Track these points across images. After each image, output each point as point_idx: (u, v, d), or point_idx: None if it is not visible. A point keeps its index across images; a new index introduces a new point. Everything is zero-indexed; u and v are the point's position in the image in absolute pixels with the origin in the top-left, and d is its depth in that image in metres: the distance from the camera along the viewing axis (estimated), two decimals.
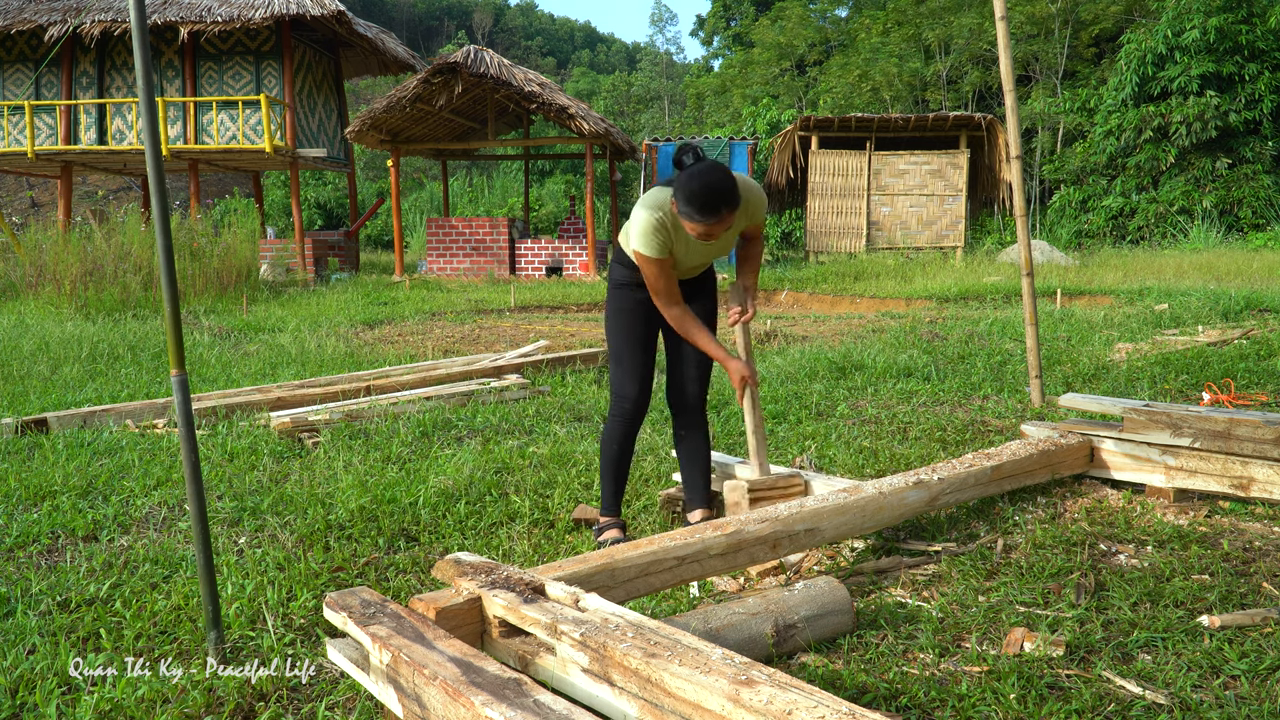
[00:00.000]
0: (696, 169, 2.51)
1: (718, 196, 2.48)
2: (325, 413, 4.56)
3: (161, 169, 2.05)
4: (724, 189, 2.49)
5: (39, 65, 16.01)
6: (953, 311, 9.80)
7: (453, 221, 16.63)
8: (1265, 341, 6.28)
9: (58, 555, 2.87)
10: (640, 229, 2.61)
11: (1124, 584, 2.41)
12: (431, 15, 66.72)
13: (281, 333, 8.38)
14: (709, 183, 2.48)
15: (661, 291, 2.71)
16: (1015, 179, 4.71)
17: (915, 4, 30.02)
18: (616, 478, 2.93)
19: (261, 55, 16.06)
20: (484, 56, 14.84)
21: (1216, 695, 1.86)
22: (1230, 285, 10.39)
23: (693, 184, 2.48)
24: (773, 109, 26.05)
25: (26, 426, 4.42)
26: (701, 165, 2.52)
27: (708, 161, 2.53)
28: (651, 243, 2.62)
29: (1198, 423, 3.14)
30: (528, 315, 10.79)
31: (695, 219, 2.51)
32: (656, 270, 2.66)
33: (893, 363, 5.96)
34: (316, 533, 2.97)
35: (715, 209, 2.49)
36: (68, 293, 10.36)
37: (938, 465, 2.95)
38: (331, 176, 28.25)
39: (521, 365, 5.89)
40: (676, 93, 46.29)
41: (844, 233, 17.50)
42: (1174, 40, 19.82)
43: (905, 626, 2.22)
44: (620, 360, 2.88)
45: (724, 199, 2.49)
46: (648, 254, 2.63)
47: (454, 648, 1.66)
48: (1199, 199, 19.65)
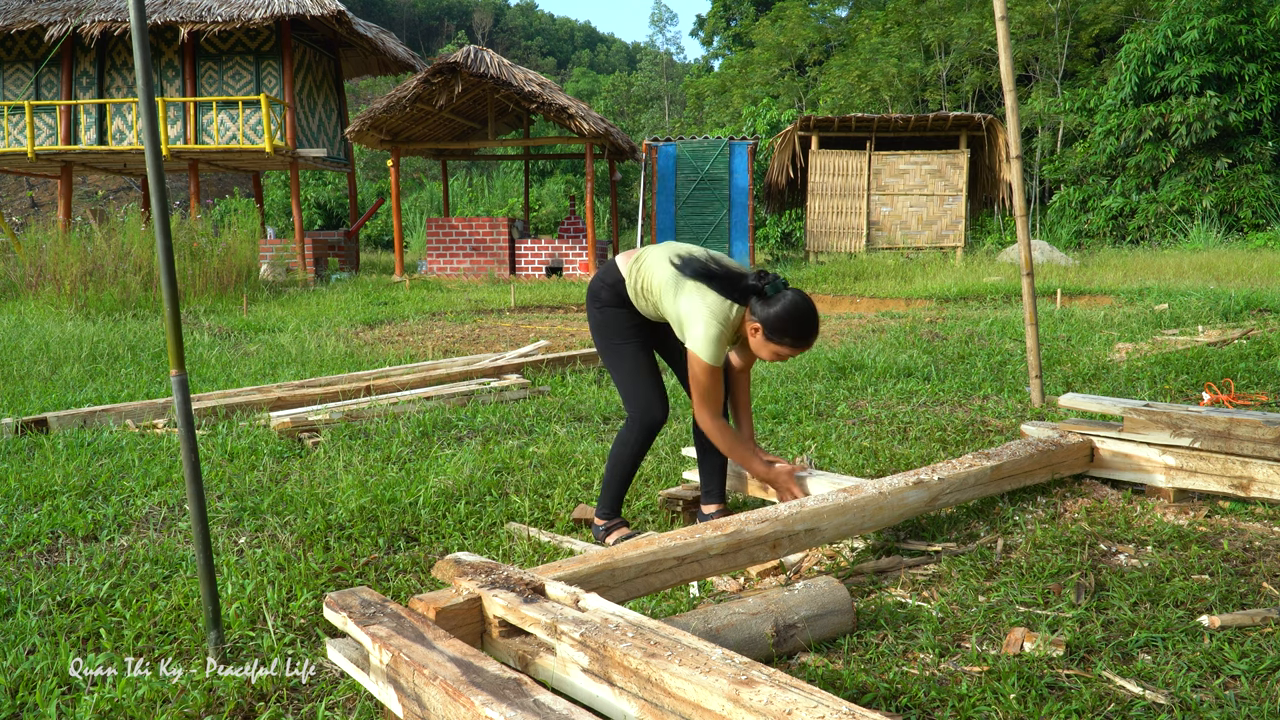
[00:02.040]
0: (800, 301, 2.64)
1: (816, 329, 2.69)
2: (325, 413, 4.56)
3: (161, 169, 2.05)
4: (818, 322, 2.70)
5: (39, 65, 16.01)
6: (953, 311, 9.80)
7: (453, 221, 16.63)
8: (1265, 341, 6.28)
9: (58, 555, 2.87)
10: (709, 344, 2.66)
11: (1124, 584, 2.41)
12: (431, 15, 66.72)
13: (281, 333, 8.38)
14: (813, 317, 2.65)
15: (710, 397, 2.74)
16: (1015, 179, 4.71)
17: (915, 4, 30.03)
18: (625, 484, 2.97)
19: (261, 55, 16.06)
20: (484, 56, 14.84)
21: (1216, 695, 1.86)
22: (1230, 285, 10.40)
23: (800, 315, 2.63)
24: (773, 109, 26.06)
25: (26, 426, 4.42)
26: (800, 296, 2.65)
27: (798, 292, 2.67)
28: (718, 353, 2.68)
29: (1198, 423, 3.14)
30: (528, 315, 10.79)
31: (792, 346, 2.67)
32: (714, 380, 2.72)
33: (893, 363, 5.96)
34: (316, 533, 2.97)
35: (813, 340, 2.70)
36: (68, 293, 10.36)
37: (938, 465, 2.95)
38: (331, 176, 28.26)
39: (521, 365, 5.89)
40: (676, 93, 46.31)
41: (844, 233, 17.50)
42: (1174, 40, 19.82)
43: (905, 626, 2.22)
44: (637, 378, 2.91)
45: (818, 331, 2.71)
46: (711, 364, 2.69)
47: (454, 648, 1.66)
48: (1199, 199, 19.66)
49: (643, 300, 2.85)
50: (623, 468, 2.94)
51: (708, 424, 2.78)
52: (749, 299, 2.67)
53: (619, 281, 2.89)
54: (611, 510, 2.95)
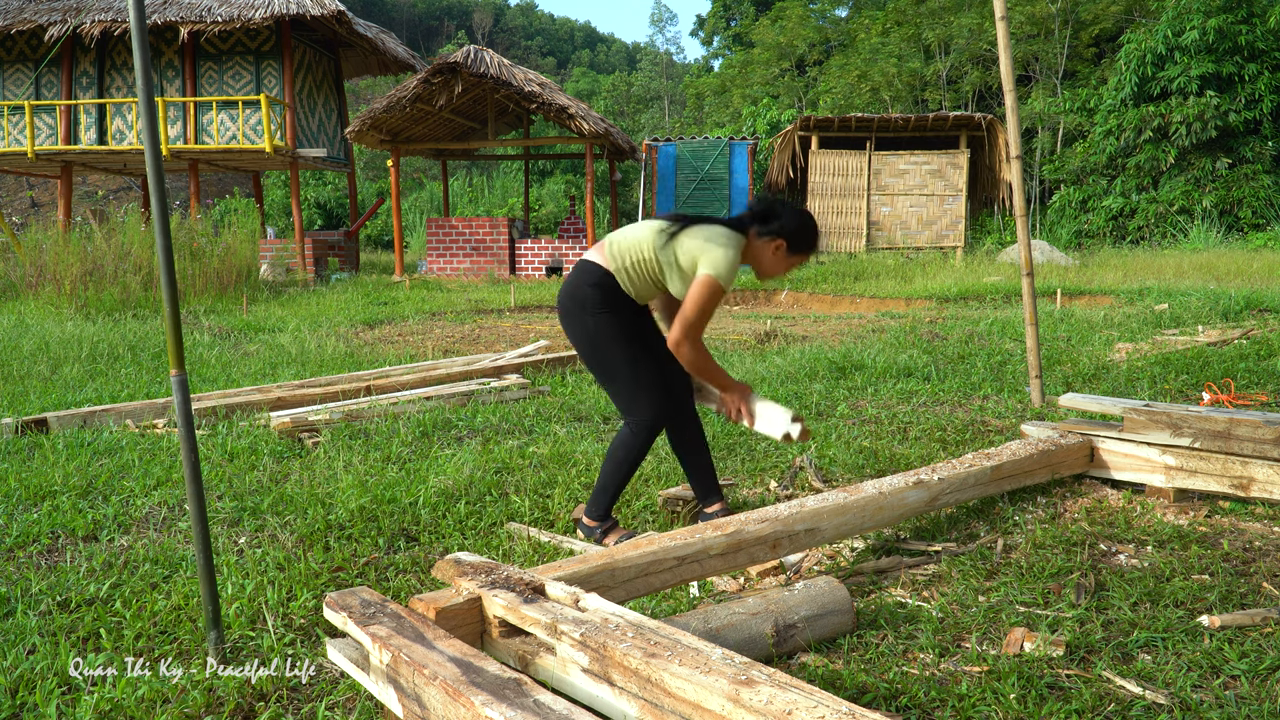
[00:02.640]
0: (806, 212, 2.87)
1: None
2: (325, 413, 4.56)
3: (161, 169, 2.05)
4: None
5: (39, 65, 16.01)
6: (953, 311, 9.80)
7: (453, 221, 16.63)
8: (1265, 341, 6.28)
9: (58, 555, 2.87)
10: (728, 265, 2.73)
11: (1124, 584, 2.41)
12: (431, 15, 66.73)
13: (281, 333, 8.38)
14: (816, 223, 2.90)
15: (703, 324, 2.78)
16: (1015, 179, 4.71)
17: (915, 4, 30.03)
18: (623, 486, 2.95)
19: (261, 55, 16.06)
20: (484, 56, 14.84)
21: (1216, 695, 1.86)
22: (1230, 285, 10.39)
23: (814, 222, 2.87)
24: (773, 109, 26.06)
25: (26, 426, 4.42)
26: (803, 209, 2.87)
27: (798, 207, 2.88)
28: (732, 275, 2.76)
29: (1198, 423, 3.14)
30: (528, 315, 10.79)
31: (810, 252, 2.90)
32: (716, 303, 2.76)
33: (893, 363, 5.96)
34: (316, 533, 2.96)
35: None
36: (68, 293, 10.36)
37: (938, 465, 2.96)
38: (331, 176, 28.25)
39: (521, 365, 5.89)
40: (676, 93, 46.31)
41: (844, 233, 17.50)
42: (1174, 40, 19.82)
43: (905, 626, 2.22)
44: (640, 382, 2.87)
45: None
46: (725, 287, 2.76)
47: (454, 648, 1.66)
48: (1199, 199, 19.65)
49: (636, 277, 2.83)
50: (624, 470, 2.91)
51: (691, 349, 2.77)
52: (747, 227, 2.83)
53: (604, 276, 2.83)
54: (605, 512, 2.92)
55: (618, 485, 2.92)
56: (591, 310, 2.83)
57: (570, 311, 2.88)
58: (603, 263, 2.84)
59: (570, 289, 2.89)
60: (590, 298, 2.83)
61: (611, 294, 2.84)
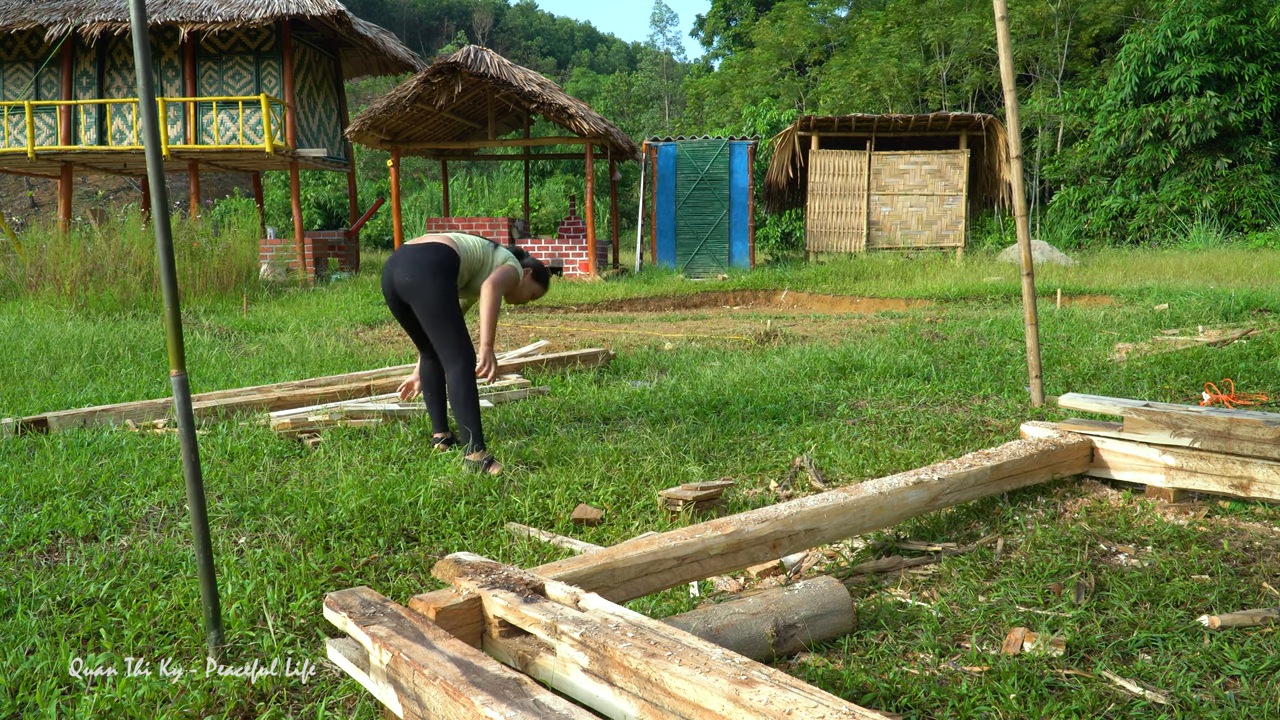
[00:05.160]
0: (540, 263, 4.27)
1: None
2: (325, 413, 4.56)
3: (161, 169, 2.05)
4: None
5: (39, 65, 16.01)
6: (953, 311, 9.80)
7: (453, 221, 16.63)
8: (1265, 341, 6.28)
9: (58, 555, 2.87)
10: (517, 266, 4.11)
11: (1124, 584, 2.41)
12: (431, 15, 66.74)
13: (281, 333, 8.38)
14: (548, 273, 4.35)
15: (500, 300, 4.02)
16: (1015, 179, 4.71)
17: (915, 4, 30.05)
18: (479, 415, 3.82)
19: (261, 55, 16.06)
20: (484, 56, 14.84)
21: (1216, 695, 1.86)
22: (1230, 285, 10.40)
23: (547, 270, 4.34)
24: (773, 109, 26.07)
25: (26, 426, 4.42)
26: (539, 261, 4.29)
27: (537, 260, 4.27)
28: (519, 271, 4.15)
29: (1198, 423, 3.14)
30: (528, 315, 10.79)
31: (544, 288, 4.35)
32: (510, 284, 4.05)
33: (893, 363, 5.96)
34: (316, 533, 2.96)
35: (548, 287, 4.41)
36: (68, 293, 10.36)
37: (938, 465, 2.96)
38: (331, 176, 28.26)
39: (521, 365, 5.89)
40: (676, 93, 46.33)
41: (844, 233, 17.50)
42: (1174, 40, 19.83)
43: (905, 626, 2.22)
44: (460, 330, 3.85)
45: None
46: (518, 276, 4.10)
47: (454, 648, 1.66)
48: (1199, 199, 19.66)
49: (466, 270, 3.94)
50: (475, 402, 3.76)
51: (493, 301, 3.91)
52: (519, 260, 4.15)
53: (456, 259, 3.88)
54: (483, 443, 3.76)
55: (476, 414, 3.75)
56: (447, 275, 3.87)
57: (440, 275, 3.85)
58: (455, 250, 3.93)
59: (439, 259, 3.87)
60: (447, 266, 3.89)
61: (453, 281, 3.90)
